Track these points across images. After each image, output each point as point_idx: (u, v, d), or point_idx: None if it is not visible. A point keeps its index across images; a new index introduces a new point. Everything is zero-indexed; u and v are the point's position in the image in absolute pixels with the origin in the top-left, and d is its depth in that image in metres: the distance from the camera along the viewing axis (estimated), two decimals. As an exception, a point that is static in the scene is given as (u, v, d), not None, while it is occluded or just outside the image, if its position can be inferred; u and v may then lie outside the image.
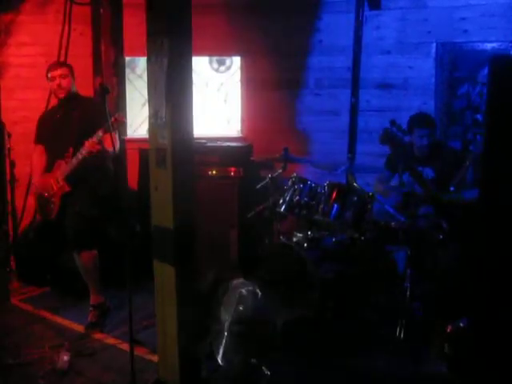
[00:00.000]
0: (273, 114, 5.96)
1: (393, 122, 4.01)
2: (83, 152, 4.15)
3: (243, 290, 3.68)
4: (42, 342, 4.08)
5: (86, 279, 4.46)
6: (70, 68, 4.52)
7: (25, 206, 5.58)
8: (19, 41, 5.82)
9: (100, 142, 4.11)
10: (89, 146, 4.11)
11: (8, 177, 5.29)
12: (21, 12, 5.75)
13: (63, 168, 4.29)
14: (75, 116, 4.39)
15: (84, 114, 4.38)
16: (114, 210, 4.49)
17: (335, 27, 5.78)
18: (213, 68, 6.12)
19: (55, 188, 4.32)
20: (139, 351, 3.76)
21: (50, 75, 4.43)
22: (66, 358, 3.73)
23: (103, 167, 4.48)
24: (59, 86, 4.40)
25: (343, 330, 3.92)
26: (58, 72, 4.41)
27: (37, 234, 4.94)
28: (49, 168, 4.44)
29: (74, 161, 4.21)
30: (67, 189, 4.30)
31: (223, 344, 3.59)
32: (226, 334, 3.61)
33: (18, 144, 5.38)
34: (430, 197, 4.21)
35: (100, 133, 4.06)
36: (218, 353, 3.57)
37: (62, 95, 4.45)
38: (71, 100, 4.48)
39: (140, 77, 6.08)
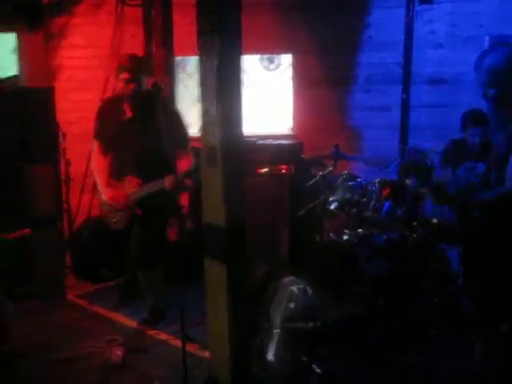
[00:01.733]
0: (323, 112, 5.94)
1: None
2: (162, 185, 3.95)
3: (294, 288, 3.68)
4: (97, 336, 4.16)
5: (146, 291, 4.45)
6: (137, 70, 4.08)
7: (79, 204, 5.72)
8: (73, 43, 5.91)
9: (179, 183, 3.91)
10: (168, 185, 3.92)
11: (63, 176, 5.42)
12: (74, 15, 5.84)
13: (135, 190, 4.11)
14: (150, 123, 4.05)
15: (160, 124, 3.93)
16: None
17: (385, 22, 5.73)
18: (263, 66, 6.13)
19: (125, 206, 4.15)
20: (191, 348, 3.80)
21: (119, 76, 4.12)
22: (119, 352, 3.80)
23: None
24: (123, 89, 4.11)
25: (394, 327, 3.89)
26: (123, 76, 4.07)
27: (91, 231, 5.03)
28: (115, 174, 4.25)
29: (148, 189, 4.04)
30: (138, 213, 4.14)
31: (274, 341, 3.60)
32: (276, 331, 3.62)
33: (72, 144, 5.48)
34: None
35: (181, 176, 3.86)
36: (269, 350, 3.59)
37: (127, 95, 4.15)
38: (139, 99, 4.15)
39: (190, 76, 6.14)
